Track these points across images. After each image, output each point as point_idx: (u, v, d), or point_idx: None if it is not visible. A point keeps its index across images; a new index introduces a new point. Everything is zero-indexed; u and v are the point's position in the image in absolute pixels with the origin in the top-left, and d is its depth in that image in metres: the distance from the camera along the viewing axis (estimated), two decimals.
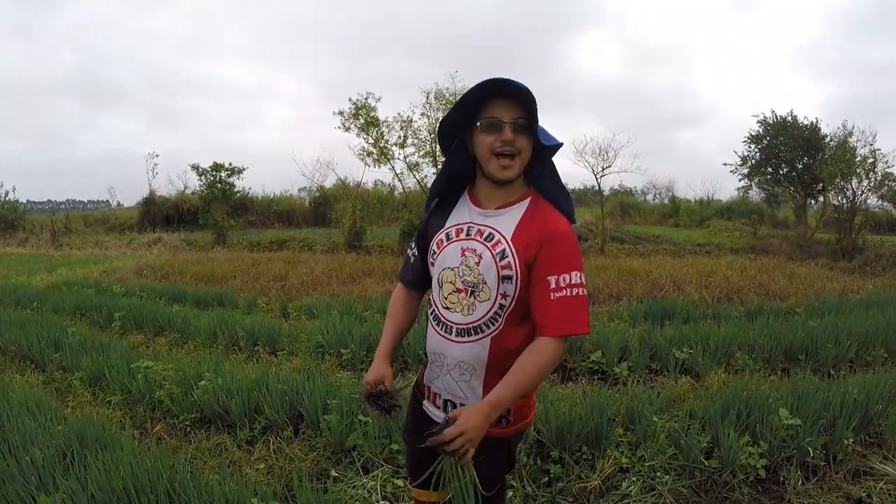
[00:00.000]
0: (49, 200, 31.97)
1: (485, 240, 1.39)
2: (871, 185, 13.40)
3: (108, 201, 30.75)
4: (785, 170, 16.68)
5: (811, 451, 2.69)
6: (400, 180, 15.68)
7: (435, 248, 1.46)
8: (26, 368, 4.39)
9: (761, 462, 2.61)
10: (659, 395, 3.26)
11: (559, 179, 1.45)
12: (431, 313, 1.50)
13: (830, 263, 11.53)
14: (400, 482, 2.52)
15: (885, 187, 13.86)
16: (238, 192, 18.92)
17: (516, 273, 1.36)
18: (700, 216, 23.54)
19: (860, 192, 13.49)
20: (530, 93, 1.30)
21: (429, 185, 15.53)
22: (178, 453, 2.74)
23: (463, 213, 1.46)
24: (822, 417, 2.84)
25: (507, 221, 1.40)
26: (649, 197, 29.40)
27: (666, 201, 27.18)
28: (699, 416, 3.02)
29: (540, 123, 1.38)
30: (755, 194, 23.52)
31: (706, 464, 2.66)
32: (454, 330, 1.42)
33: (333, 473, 2.64)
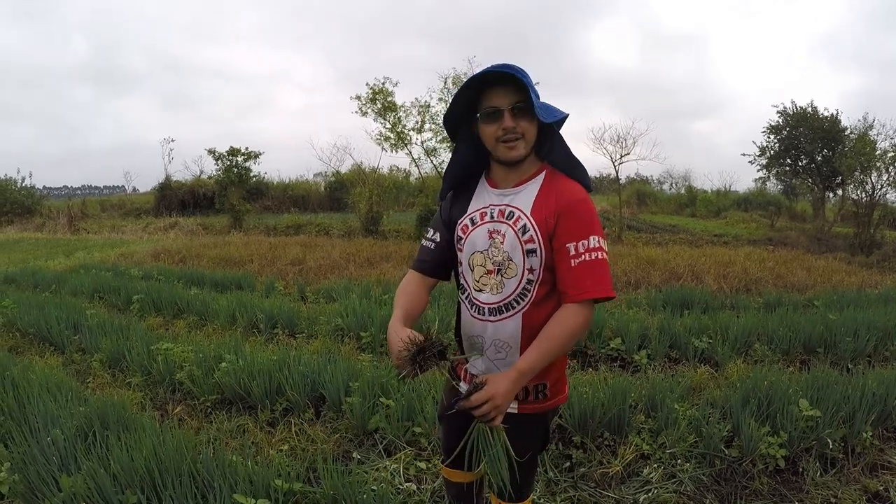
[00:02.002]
0: (65, 186, 32.50)
1: (506, 218, 1.42)
2: (891, 179, 13.10)
3: (123, 187, 31.19)
4: (804, 161, 16.40)
5: (830, 443, 2.67)
6: (417, 165, 15.67)
7: (461, 233, 1.49)
8: (46, 350, 4.47)
9: (781, 452, 2.61)
10: (679, 384, 3.25)
11: (569, 150, 1.46)
12: (465, 297, 1.52)
13: (848, 258, 11.34)
14: (422, 464, 2.55)
15: None
16: (254, 176, 19.01)
17: (539, 246, 1.38)
18: (717, 207, 23.31)
19: (879, 187, 13.20)
20: (523, 74, 1.33)
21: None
22: (200, 434, 2.78)
23: (482, 198, 1.50)
24: (842, 410, 2.81)
25: (524, 197, 1.43)
26: (665, 186, 29.16)
27: (682, 191, 26.94)
28: (719, 405, 3.02)
29: (542, 100, 1.40)
30: (773, 186, 23.23)
31: (726, 452, 2.66)
32: (486, 310, 1.45)
33: (356, 455, 2.67)
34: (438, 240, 1.58)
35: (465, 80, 11.24)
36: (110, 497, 1.93)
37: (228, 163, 17.63)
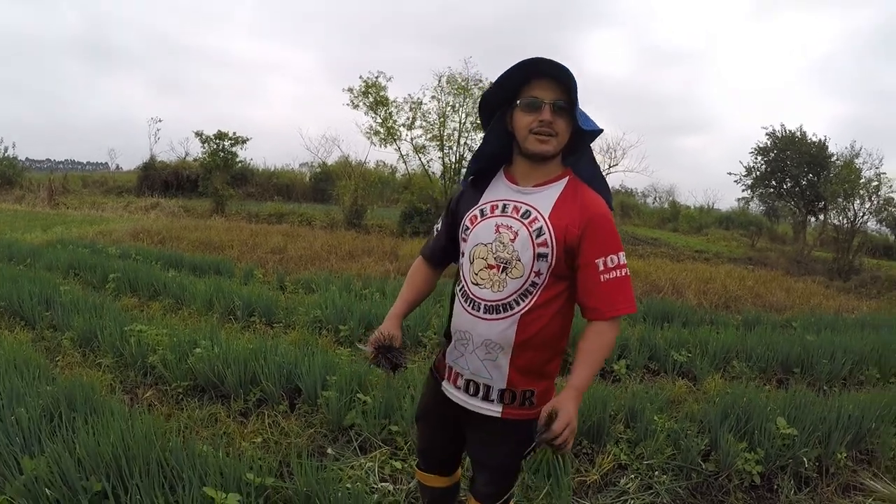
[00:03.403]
0: (48, 159, 31.74)
1: (521, 216, 1.38)
2: (873, 207, 13.41)
3: (107, 164, 30.58)
4: (789, 184, 16.71)
5: (806, 462, 2.69)
6: (405, 161, 15.62)
7: (468, 223, 1.44)
8: (16, 325, 4.30)
9: (757, 469, 2.62)
10: (658, 396, 3.25)
11: (597, 167, 1.44)
12: (460, 290, 1.47)
13: (826, 282, 11.57)
14: (398, 464, 2.49)
15: (886, 212, 13.89)
16: (240, 162, 18.74)
17: (552, 251, 1.35)
18: (699, 223, 23.57)
19: (861, 214, 13.51)
20: (571, 74, 1.30)
21: (433, 169, 15.52)
22: (170, 421, 2.69)
23: (498, 191, 1.45)
24: (818, 430, 2.84)
25: (544, 199, 1.39)
26: (649, 200, 29.32)
27: (666, 205, 27.12)
28: (698, 419, 3.02)
29: (581, 107, 1.36)
30: (755, 206, 23.64)
31: (703, 466, 2.66)
32: (482, 307, 1.40)
33: (330, 451, 2.60)
34: (440, 227, 1.59)
35: (459, 79, 11.22)
36: (74, 483, 1.83)
37: (215, 146, 17.36)
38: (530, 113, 1.34)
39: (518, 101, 1.36)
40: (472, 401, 1.46)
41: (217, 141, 17.34)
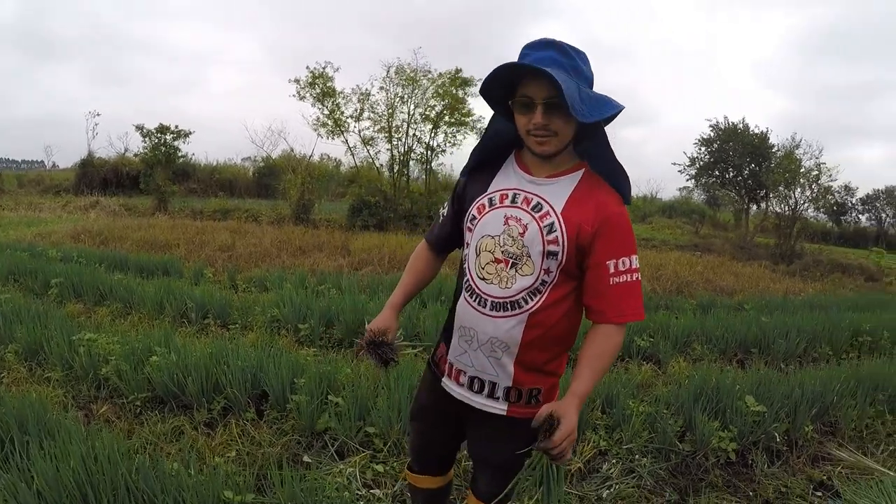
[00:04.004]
0: None
1: (532, 209, 1.30)
2: (813, 195, 14.22)
3: (43, 162, 28.64)
4: (731, 174, 17.48)
5: (777, 437, 2.80)
6: (353, 154, 15.35)
7: (475, 213, 1.36)
8: None
9: (732, 446, 2.71)
10: (630, 381, 3.29)
11: (612, 153, 1.33)
12: (465, 285, 1.38)
13: (771, 266, 12.21)
14: (380, 468, 2.39)
15: (824, 200, 14.75)
16: (182, 157, 17.85)
17: (563, 249, 1.28)
18: (643, 212, 24.34)
19: (802, 202, 14.30)
20: (553, 77, 1.16)
21: (381, 162, 15.34)
22: (133, 438, 2.48)
23: (509, 178, 1.36)
24: (785, 406, 2.96)
25: (557, 192, 1.31)
26: None
27: None
28: (668, 401, 3.08)
29: (593, 89, 1.26)
30: (698, 195, 24.67)
31: (680, 447, 2.71)
32: (489, 303, 1.33)
33: (306, 459, 2.47)
34: (446, 213, 1.51)
35: (408, 70, 11.16)
36: None
37: (157, 140, 16.46)
38: (525, 114, 1.26)
39: (512, 102, 1.29)
40: (477, 398, 1.40)
41: (159, 135, 16.44)
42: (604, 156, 1.33)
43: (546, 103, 1.22)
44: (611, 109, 1.24)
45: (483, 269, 1.33)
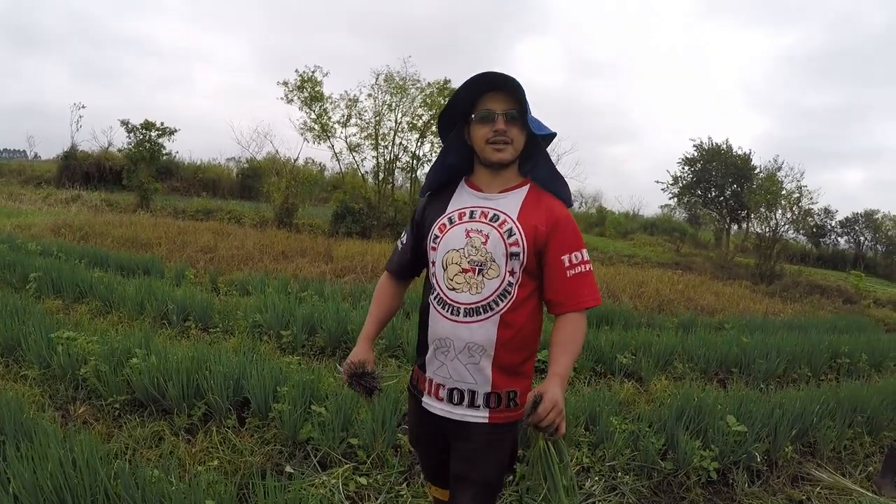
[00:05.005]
0: None
1: (490, 220, 1.44)
2: (793, 217, 14.54)
3: (25, 152, 28.00)
4: (714, 193, 17.81)
5: (758, 457, 2.83)
6: (338, 159, 15.29)
7: (437, 232, 1.48)
8: None
9: (713, 465, 2.72)
10: (612, 399, 3.31)
11: (553, 166, 1.52)
12: (435, 298, 1.47)
13: (751, 286, 12.44)
14: (363, 480, 2.36)
15: (804, 222, 15.09)
16: (166, 154, 17.60)
17: (523, 249, 1.41)
18: (625, 228, 24.60)
19: (783, 224, 14.62)
20: (519, 84, 1.39)
21: (366, 169, 15.34)
22: (112, 442, 2.41)
23: (464, 199, 1.51)
24: (766, 426, 3.00)
25: (510, 203, 1.46)
26: (576, 205, 30.14)
27: (593, 211, 28.02)
28: (650, 419, 3.09)
29: (533, 114, 1.45)
30: (679, 214, 25.05)
31: (662, 465, 2.73)
32: (462, 311, 1.42)
33: (289, 469, 2.43)
34: (405, 241, 1.62)
35: (397, 78, 11.31)
36: None
37: (141, 136, 16.22)
38: (485, 125, 1.42)
39: (473, 115, 1.44)
40: (458, 410, 1.45)
41: (144, 131, 16.20)
42: (546, 165, 1.51)
43: (506, 114, 1.41)
44: (547, 129, 1.46)
45: (452, 280, 1.43)
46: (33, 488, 1.63)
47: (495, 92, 1.42)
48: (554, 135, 1.49)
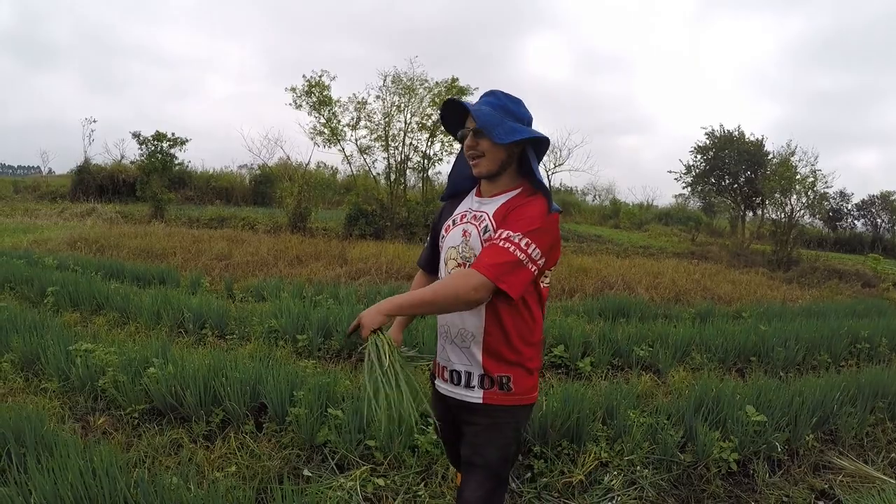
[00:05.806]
0: None
1: (476, 220, 1.58)
2: (808, 202, 14.30)
3: (39, 167, 28.56)
4: (727, 181, 17.59)
5: (779, 446, 2.79)
6: (349, 162, 15.36)
7: (444, 232, 1.66)
8: None
9: (733, 456, 2.69)
10: (630, 392, 3.28)
11: (536, 172, 1.54)
12: None
13: (768, 273, 12.24)
14: (381, 481, 2.37)
15: (819, 206, 14.84)
16: (179, 164, 17.84)
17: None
18: (639, 219, 24.35)
19: (798, 209, 14.38)
20: (466, 106, 1.52)
21: (378, 171, 15.41)
22: (131, 451, 2.44)
23: (466, 204, 1.67)
24: (785, 415, 2.95)
25: (495, 204, 1.57)
26: (589, 198, 29.84)
27: (607, 203, 27.77)
28: (669, 412, 3.07)
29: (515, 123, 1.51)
30: (693, 203, 24.76)
31: (682, 458, 2.70)
32: None
33: (306, 473, 2.44)
34: (429, 240, 1.81)
35: (404, 79, 11.48)
36: None
37: (153, 148, 16.44)
38: (463, 142, 1.57)
39: (457, 135, 1.60)
40: (457, 389, 1.59)
41: (155, 142, 16.44)
42: (532, 175, 1.56)
43: (473, 130, 1.52)
44: (520, 135, 1.48)
45: (450, 273, 1.58)
46: (54, 499, 1.66)
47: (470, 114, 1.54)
48: (540, 137, 1.52)
